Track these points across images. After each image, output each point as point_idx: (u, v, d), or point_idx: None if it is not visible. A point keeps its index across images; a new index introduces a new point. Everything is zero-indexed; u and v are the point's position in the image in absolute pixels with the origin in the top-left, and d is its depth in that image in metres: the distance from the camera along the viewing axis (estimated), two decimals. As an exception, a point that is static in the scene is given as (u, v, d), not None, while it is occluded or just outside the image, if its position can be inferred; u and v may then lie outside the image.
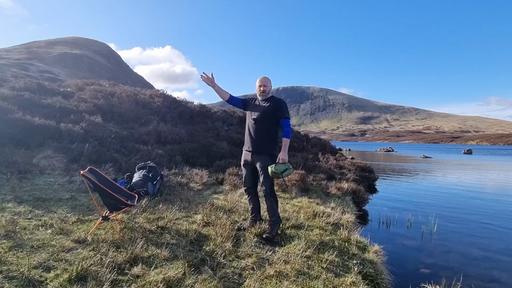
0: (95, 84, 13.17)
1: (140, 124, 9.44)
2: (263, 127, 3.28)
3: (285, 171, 3.11)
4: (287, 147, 3.22)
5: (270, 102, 3.33)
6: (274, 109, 3.28)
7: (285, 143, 3.22)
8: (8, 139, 5.81)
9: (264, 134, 3.27)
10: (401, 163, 21.79)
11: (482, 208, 7.25)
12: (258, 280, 2.40)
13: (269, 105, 3.30)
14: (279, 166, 3.13)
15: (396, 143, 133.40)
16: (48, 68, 47.86)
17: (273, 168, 3.12)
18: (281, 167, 3.12)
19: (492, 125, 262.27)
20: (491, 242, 4.81)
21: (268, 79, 3.42)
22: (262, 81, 3.37)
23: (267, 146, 3.29)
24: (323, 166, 8.83)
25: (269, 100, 3.36)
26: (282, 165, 3.14)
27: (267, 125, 3.28)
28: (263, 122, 3.27)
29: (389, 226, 5.44)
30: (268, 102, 3.33)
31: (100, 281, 2.10)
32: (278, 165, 3.13)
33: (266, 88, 3.36)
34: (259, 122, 3.29)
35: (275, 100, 3.35)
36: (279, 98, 3.40)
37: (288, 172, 3.14)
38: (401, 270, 3.50)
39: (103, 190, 2.93)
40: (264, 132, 3.28)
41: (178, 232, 3.18)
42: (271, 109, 3.28)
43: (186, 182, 5.62)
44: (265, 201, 3.40)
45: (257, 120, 3.29)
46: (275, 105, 3.29)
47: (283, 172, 3.10)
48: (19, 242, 2.58)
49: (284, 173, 3.11)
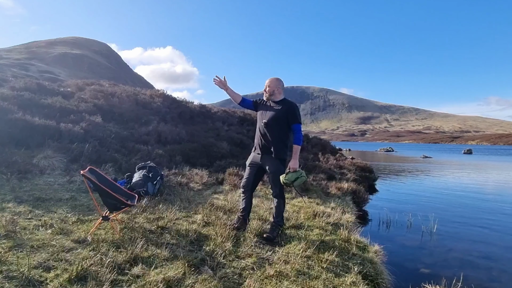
0: (95, 84, 13.16)
1: (140, 124, 9.44)
2: (274, 131, 3.21)
3: (296, 180, 3.04)
4: (298, 155, 3.16)
5: (282, 105, 3.22)
6: (287, 113, 3.18)
7: (296, 150, 3.15)
8: (8, 139, 5.81)
9: (275, 138, 3.19)
10: (401, 163, 21.79)
11: (482, 208, 7.24)
12: (258, 280, 2.40)
13: (281, 108, 3.20)
14: (290, 175, 3.05)
15: (396, 143, 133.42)
16: (48, 68, 47.87)
17: (283, 178, 3.06)
18: (292, 176, 3.04)
19: (492, 125, 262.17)
20: (491, 242, 4.81)
21: (275, 79, 3.29)
22: (266, 82, 3.31)
23: (278, 150, 3.21)
24: (323, 166, 8.82)
25: (281, 103, 3.25)
26: (293, 174, 3.06)
27: (278, 129, 3.20)
28: (274, 126, 3.18)
29: (389, 226, 5.44)
30: (280, 106, 3.22)
31: (100, 281, 2.10)
32: (289, 175, 3.06)
33: (269, 88, 3.26)
34: (270, 126, 3.20)
35: (287, 104, 3.25)
36: (291, 101, 3.30)
37: (300, 180, 3.06)
38: (401, 270, 3.50)
39: (103, 190, 2.93)
40: (275, 136, 3.20)
41: (178, 232, 3.18)
42: (283, 113, 3.18)
43: (186, 182, 5.62)
44: (273, 201, 3.37)
45: (268, 124, 3.20)
46: (288, 109, 3.20)
47: (294, 181, 3.03)
48: (19, 242, 2.58)
49: (295, 182, 3.04)
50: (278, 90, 3.28)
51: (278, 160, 3.21)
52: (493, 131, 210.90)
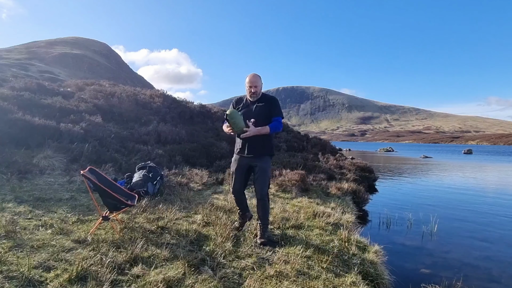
0: (95, 84, 13.16)
1: (140, 124, 9.44)
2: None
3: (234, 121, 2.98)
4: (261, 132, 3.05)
5: (263, 102, 3.18)
6: (270, 109, 3.17)
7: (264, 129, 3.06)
8: (8, 139, 5.81)
9: (263, 137, 3.12)
10: (401, 163, 21.78)
11: (483, 208, 7.24)
12: (258, 280, 2.40)
13: (263, 105, 3.16)
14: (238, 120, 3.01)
15: (396, 143, 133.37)
16: (48, 68, 47.86)
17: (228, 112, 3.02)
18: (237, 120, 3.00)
19: (492, 125, 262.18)
20: (491, 242, 4.81)
21: (258, 77, 3.20)
22: (252, 81, 3.15)
23: (267, 147, 3.19)
24: (323, 166, 8.82)
25: (262, 99, 3.20)
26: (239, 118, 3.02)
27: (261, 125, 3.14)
28: (262, 124, 3.11)
29: (389, 226, 5.44)
30: (261, 102, 3.18)
31: (100, 281, 2.10)
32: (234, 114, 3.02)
33: (257, 89, 3.16)
34: (259, 125, 3.11)
35: (268, 99, 3.22)
36: (271, 96, 3.30)
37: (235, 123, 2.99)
38: (401, 270, 3.50)
39: (103, 190, 2.93)
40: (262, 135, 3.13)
41: (178, 232, 3.18)
42: (266, 110, 3.16)
43: (186, 182, 5.62)
44: (258, 203, 3.23)
45: (258, 123, 3.10)
46: (270, 105, 3.18)
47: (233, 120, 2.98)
48: (19, 242, 2.58)
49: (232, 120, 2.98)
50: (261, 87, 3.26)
51: (268, 156, 3.21)
52: (493, 131, 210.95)
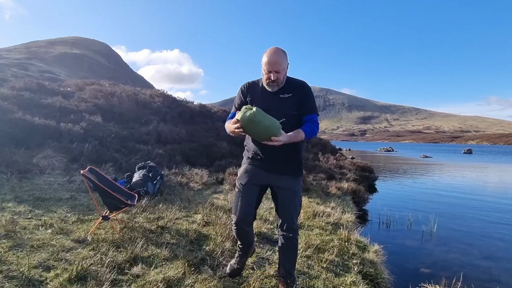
0: (95, 84, 13.16)
1: (140, 124, 9.44)
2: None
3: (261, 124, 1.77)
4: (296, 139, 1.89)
5: (291, 91, 2.01)
6: (301, 103, 2.01)
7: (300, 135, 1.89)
8: (8, 139, 5.81)
9: (294, 146, 2.01)
10: (400, 163, 21.78)
11: (482, 208, 7.24)
12: (258, 280, 2.40)
13: (291, 97, 2.00)
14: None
15: (396, 143, 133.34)
16: (48, 68, 47.85)
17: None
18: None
19: (492, 125, 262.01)
20: (491, 242, 4.81)
21: (283, 54, 1.96)
22: (274, 62, 1.91)
23: (298, 161, 2.11)
24: (323, 166, 8.83)
25: (287, 87, 2.01)
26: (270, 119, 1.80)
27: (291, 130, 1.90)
28: (286, 126, 1.90)
29: (389, 226, 5.44)
30: (287, 93, 2.00)
31: (100, 281, 2.10)
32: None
33: (279, 75, 1.94)
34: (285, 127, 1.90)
35: (297, 87, 2.04)
36: (300, 81, 2.07)
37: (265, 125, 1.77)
38: (401, 270, 3.50)
39: (103, 190, 2.93)
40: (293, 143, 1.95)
41: (178, 232, 3.18)
42: (295, 103, 2.00)
43: (186, 182, 5.62)
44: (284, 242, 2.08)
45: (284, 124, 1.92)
46: (302, 95, 2.02)
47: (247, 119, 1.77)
48: (19, 241, 2.57)
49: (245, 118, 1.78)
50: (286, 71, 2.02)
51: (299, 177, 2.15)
52: (493, 131, 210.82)
